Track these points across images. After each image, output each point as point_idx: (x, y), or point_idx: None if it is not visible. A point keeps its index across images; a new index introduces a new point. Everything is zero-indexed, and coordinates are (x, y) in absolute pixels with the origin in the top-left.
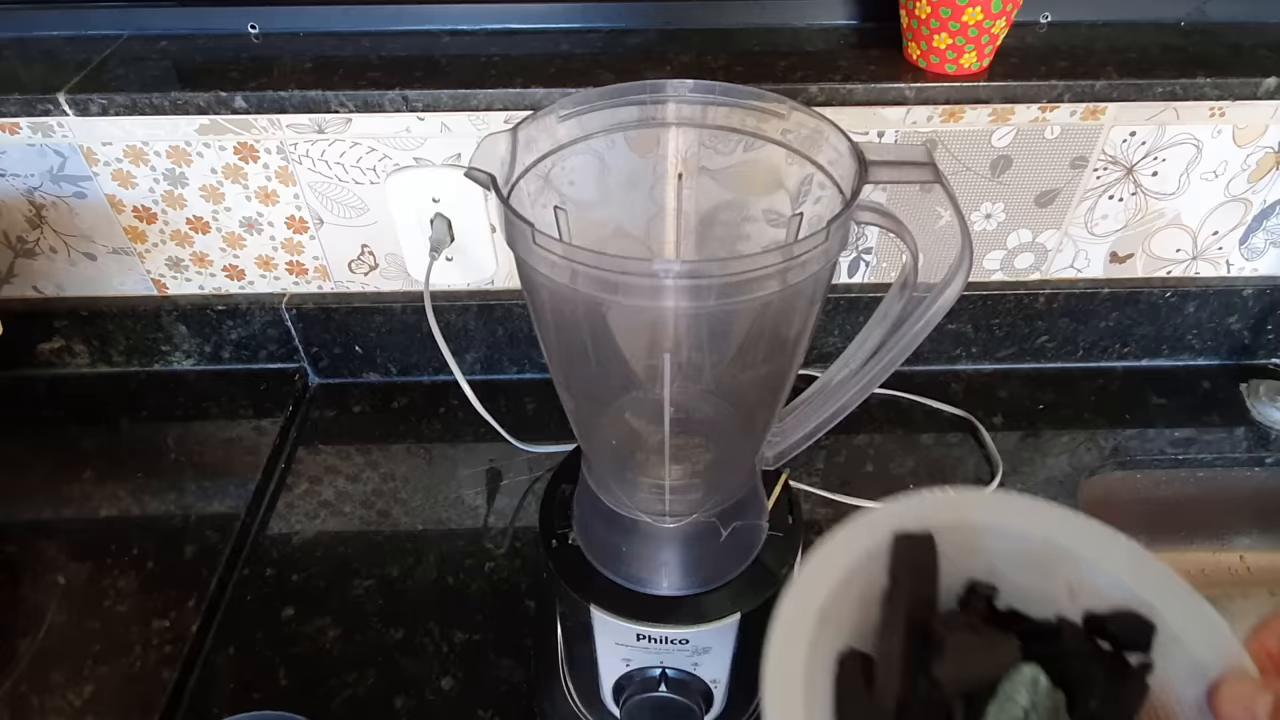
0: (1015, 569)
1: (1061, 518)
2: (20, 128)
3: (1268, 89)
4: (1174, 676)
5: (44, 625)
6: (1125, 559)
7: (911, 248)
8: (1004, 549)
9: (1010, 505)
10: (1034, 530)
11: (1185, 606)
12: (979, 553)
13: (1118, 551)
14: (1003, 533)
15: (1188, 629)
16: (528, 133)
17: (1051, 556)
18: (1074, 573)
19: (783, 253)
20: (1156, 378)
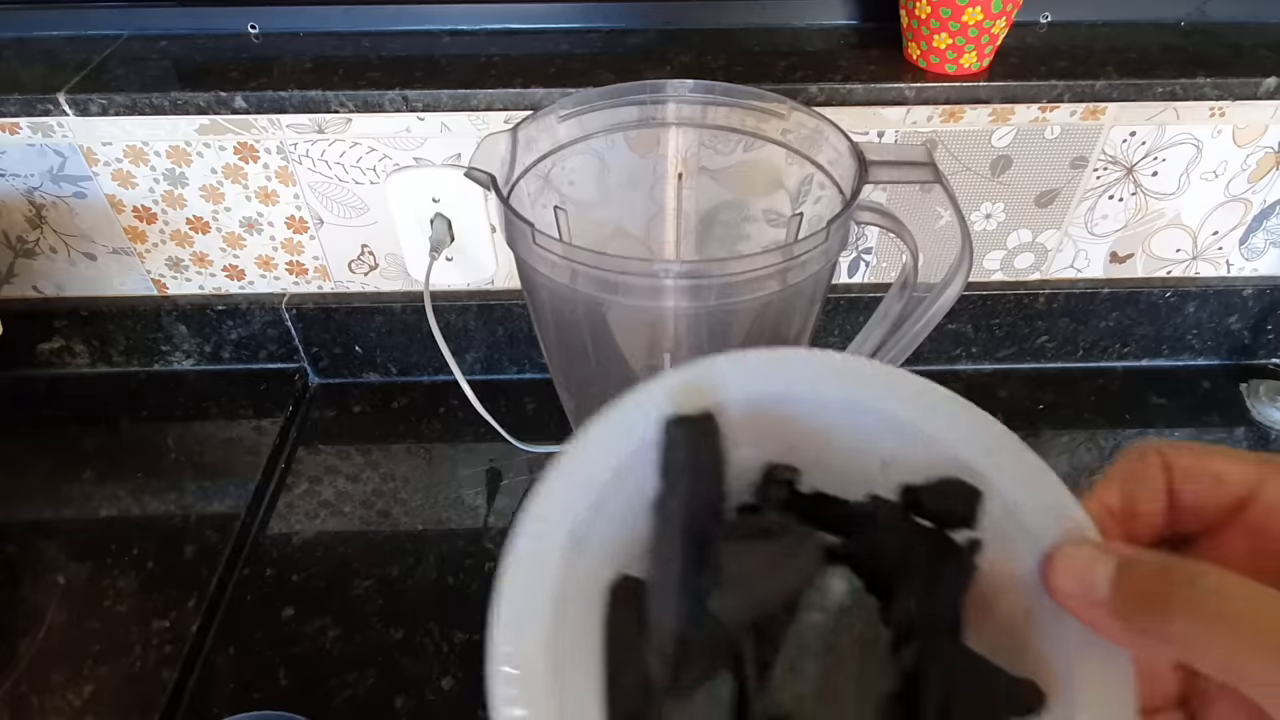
0: (821, 444)
1: (870, 375)
2: (20, 128)
3: (1268, 89)
4: (1007, 551)
5: (44, 625)
6: (946, 417)
7: (911, 248)
8: (806, 421)
9: (807, 365)
10: (838, 394)
11: (1017, 468)
12: (776, 428)
13: (937, 409)
14: (801, 400)
15: (1020, 495)
16: (528, 133)
17: (860, 423)
18: (888, 440)
19: (783, 253)
20: (1156, 378)
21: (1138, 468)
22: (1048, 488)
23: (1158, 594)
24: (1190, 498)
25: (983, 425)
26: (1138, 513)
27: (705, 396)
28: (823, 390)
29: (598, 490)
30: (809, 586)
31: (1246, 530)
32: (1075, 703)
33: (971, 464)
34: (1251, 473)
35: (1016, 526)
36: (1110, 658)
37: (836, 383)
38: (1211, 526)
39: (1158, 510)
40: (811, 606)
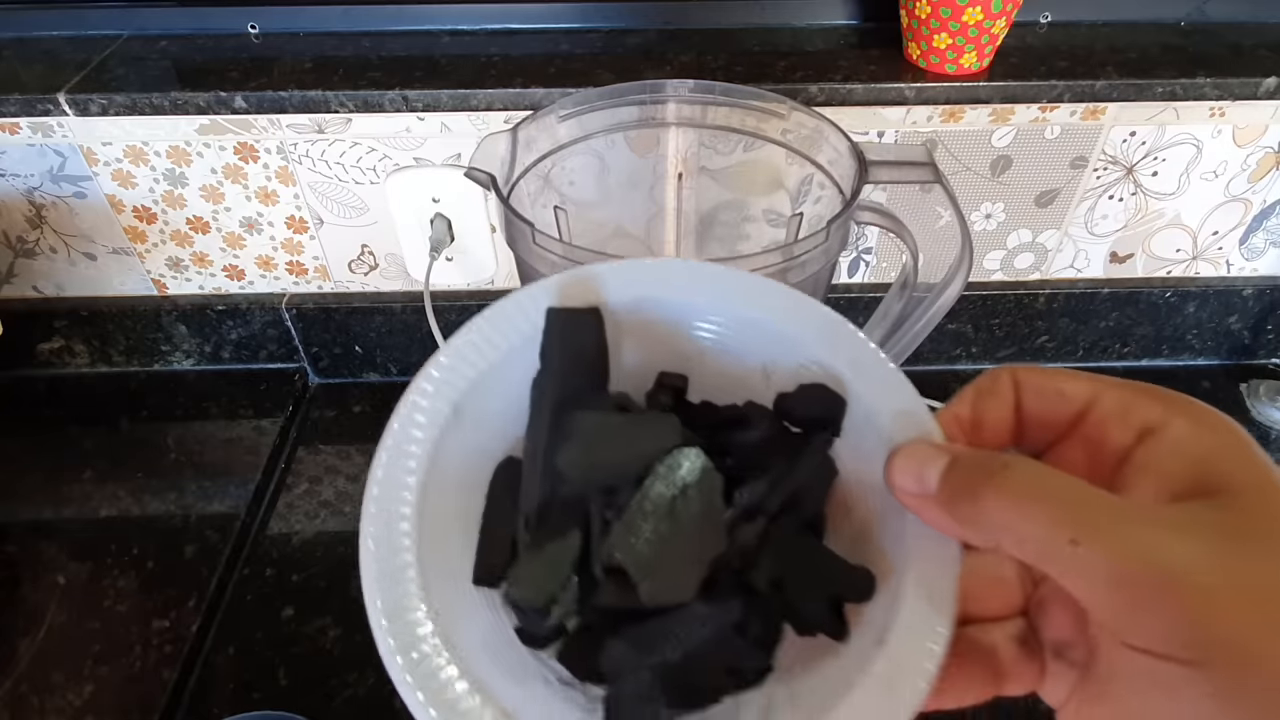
0: (708, 352)
1: (746, 285)
2: (20, 128)
3: (1268, 89)
4: (865, 456)
5: (44, 625)
6: (817, 329)
7: (911, 248)
8: (693, 330)
9: (686, 273)
10: (717, 302)
11: (878, 379)
12: (665, 337)
13: (810, 320)
14: (697, 309)
15: (879, 403)
16: (528, 133)
17: (743, 333)
18: (768, 349)
19: (783, 253)
20: (1156, 378)
21: (989, 384)
22: (904, 397)
23: (976, 481)
24: (1035, 411)
25: (850, 338)
26: (984, 422)
27: (591, 294)
28: (701, 297)
29: (483, 369)
30: (663, 460)
31: (1083, 441)
32: (902, 589)
33: (840, 374)
34: (1089, 389)
35: (874, 433)
36: (940, 548)
37: (714, 290)
38: (1054, 441)
39: (1004, 420)
40: (659, 477)
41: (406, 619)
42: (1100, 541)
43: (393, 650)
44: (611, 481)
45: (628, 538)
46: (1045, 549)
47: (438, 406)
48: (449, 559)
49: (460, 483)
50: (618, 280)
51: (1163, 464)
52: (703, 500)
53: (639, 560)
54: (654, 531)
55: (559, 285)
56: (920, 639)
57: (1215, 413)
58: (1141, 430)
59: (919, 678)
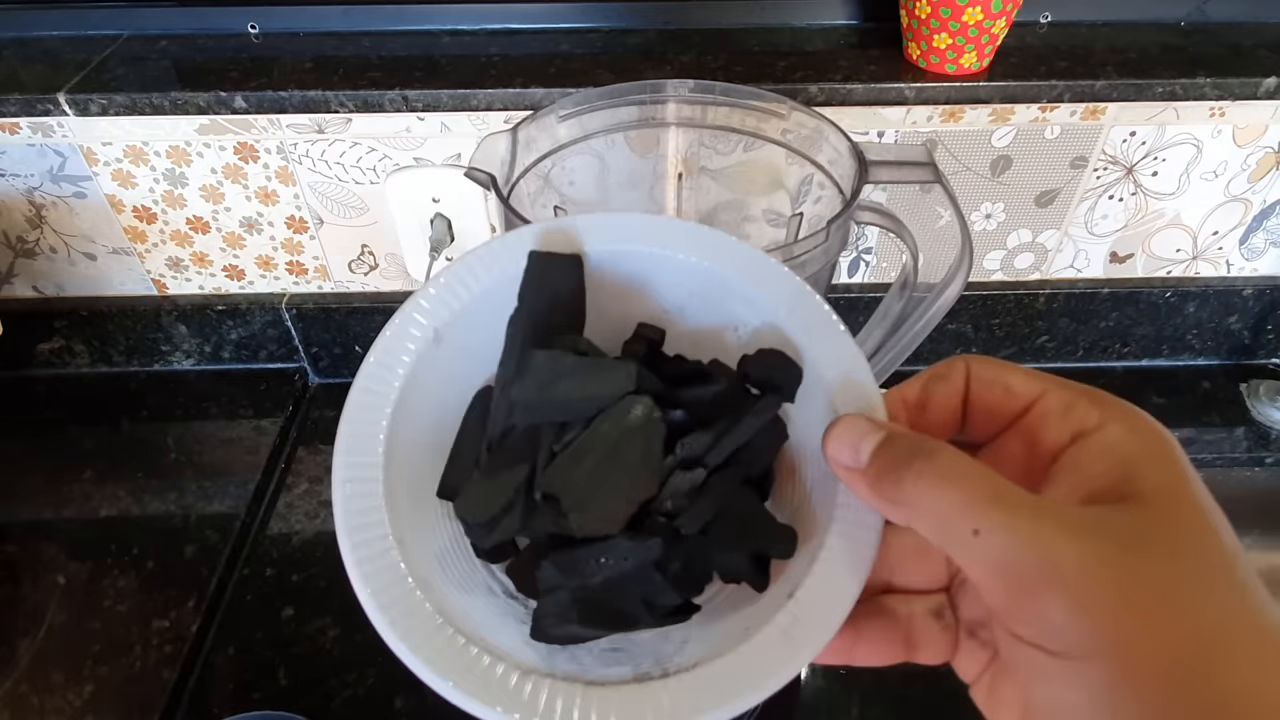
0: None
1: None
2: (20, 128)
3: (1268, 89)
4: (814, 422)
5: (44, 625)
6: (784, 295)
7: (911, 248)
8: (670, 287)
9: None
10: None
11: (833, 349)
12: (653, 290)
13: (780, 286)
14: (678, 267)
15: (831, 374)
16: (528, 133)
17: (719, 293)
18: (739, 311)
19: (783, 253)
20: (1156, 378)
21: (943, 370)
22: (855, 370)
23: (901, 462)
24: (982, 401)
25: (813, 305)
26: (930, 405)
27: (572, 243)
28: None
29: (466, 301)
30: (615, 404)
31: (1022, 435)
32: (822, 551)
33: (797, 340)
34: (1037, 386)
35: (824, 400)
36: (864, 517)
37: (691, 247)
38: (997, 433)
39: (950, 406)
40: (608, 418)
41: (368, 519)
42: (998, 533)
43: (350, 545)
44: (564, 417)
45: (567, 471)
46: (950, 534)
47: (421, 332)
48: (419, 471)
49: (439, 403)
50: (600, 233)
51: (1087, 465)
52: (644, 445)
53: (573, 492)
54: (593, 468)
55: (542, 232)
56: (827, 598)
57: (1149, 421)
58: (1076, 431)
59: (818, 633)
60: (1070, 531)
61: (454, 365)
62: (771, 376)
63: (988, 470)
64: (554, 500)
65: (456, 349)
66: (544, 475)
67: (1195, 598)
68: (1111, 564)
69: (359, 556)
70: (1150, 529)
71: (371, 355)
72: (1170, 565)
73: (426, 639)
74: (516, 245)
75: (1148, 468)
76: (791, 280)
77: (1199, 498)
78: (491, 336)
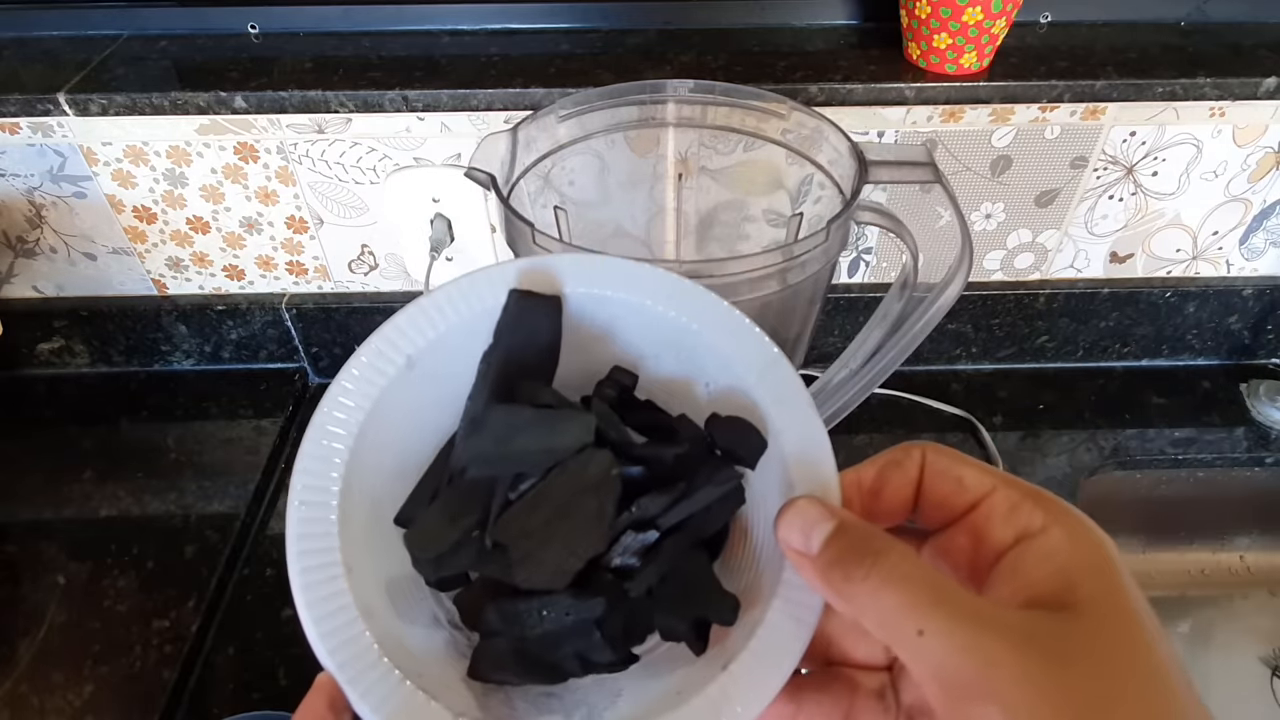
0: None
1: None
2: (20, 128)
3: (1268, 89)
4: (770, 493)
5: (44, 625)
6: (758, 362)
7: (911, 248)
8: (657, 335)
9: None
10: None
11: (802, 427)
12: (630, 335)
13: (754, 350)
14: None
15: (793, 449)
16: (528, 133)
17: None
18: (713, 369)
19: (783, 253)
20: (1156, 378)
21: (899, 457)
22: (819, 451)
23: (852, 559)
24: (934, 492)
25: (785, 376)
26: (884, 491)
27: (553, 283)
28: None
29: (442, 330)
30: (573, 457)
31: (969, 531)
32: (762, 624)
33: (764, 410)
34: (988, 483)
35: (782, 472)
36: (807, 597)
37: (672, 300)
38: (947, 524)
39: (903, 495)
40: (564, 472)
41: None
42: (940, 637)
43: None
44: (521, 470)
45: (518, 521)
46: (896, 634)
47: (394, 357)
48: (381, 496)
49: (407, 431)
50: (581, 275)
51: (1028, 570)
52: (597, 502)
53: (523, 544)
54: (544, 521)
55: (523, 269)
56: (760, 676)
57: (1092, 529)
58: (1020, 533)
59: (746, 709)
60: (1009, 641)
61: (424, 394)
62: (736, 444)
63: (934, 572)
64: (503, 549)
65: (428, 378)
66: (496, 524)
67: (1123, 711)
68: (1046, 676)
69: (305, 582)
70: (1085, 641)
71: (341, 378)
72: (1102, 680)
73: (363, 671)
74: (497, 279)
75: (1085, 577)
76: (767, 346)
77: (1135, 609)
78: (464, 368)
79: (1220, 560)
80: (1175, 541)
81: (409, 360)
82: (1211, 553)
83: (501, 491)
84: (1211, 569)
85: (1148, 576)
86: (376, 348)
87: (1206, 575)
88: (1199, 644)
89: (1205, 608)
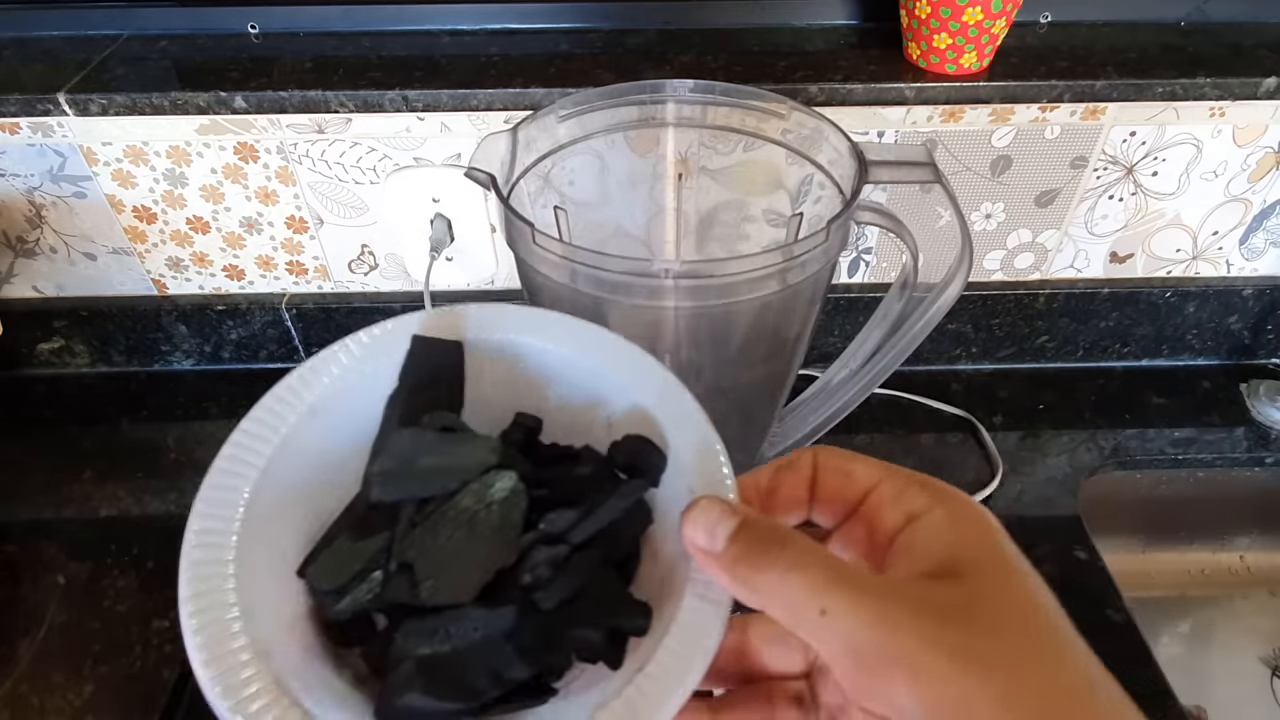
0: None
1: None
2: (20, 128)
3: (1268, 89)
4: (674, 503)
5: (44, 625)
6: (655, 388)
7: (911, 248)
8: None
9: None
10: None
11: (698, 438)
12: (532, 380)
13: (651, 379)
14: (557, 359)
15: (690, 461)
16: (528, 133)
17: (596, 383)
18: (612, 400)
19: (783, 253)
20: (1156, 378)
21: (793, 460)
22: (717, 459)
23: (756, 550)
24: (828, 488)
25: (682, 401)
26: (778, 492)
27: (458, 330)
28: (562, 347)
29: (346, 378)
30: (479, 479)
31: (864, 520)
32: (670, 628)
33: (664, 430)
34: (876, 473)
35: (685, 489)
36: (712, 595)
37: (567, 339)
38: (843, 518)
39: (798, 495)
40: (470, 492)
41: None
42: (846, 613)
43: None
44: (425, 492)
45: (423, 540)
46: (799, 616)
47: (298, 403)
48: (284, 541)
49: (310, 477)
50: (483, 321)
51: (919, 545)
52: (503, 517)
53: (428, 560)
54: (449, 537)
55: (426, 318)
56: (675, 673)
57: (973, 505)
58: (909, 515)
59: (662, 706)
60: (909, 608)
61: (328, 440)
62: (638, 461)
63: (834, 556)
64: (408, 568)
65: (332, 424)
66: (399, 544)
67: (1019, 663)
68: (946, 635)
69: (198, 624)
70: (978, 601)
71: (244, 423)
72: (996, 634)
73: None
74: (401, 329)
75: (971, 548)
76: (662, 372)
77: (1018, 569)
78: (370, 415)
79: (1220, 560)
80: (1175, 541)
81: (311, 409)
82: (1211, 553)
83: (406, 516)
84: (1211, 569)
85: (1148, 576)
86: (278, 395)
87: (1206, 575)
88: (1199, 644)
89: (1205, 608)
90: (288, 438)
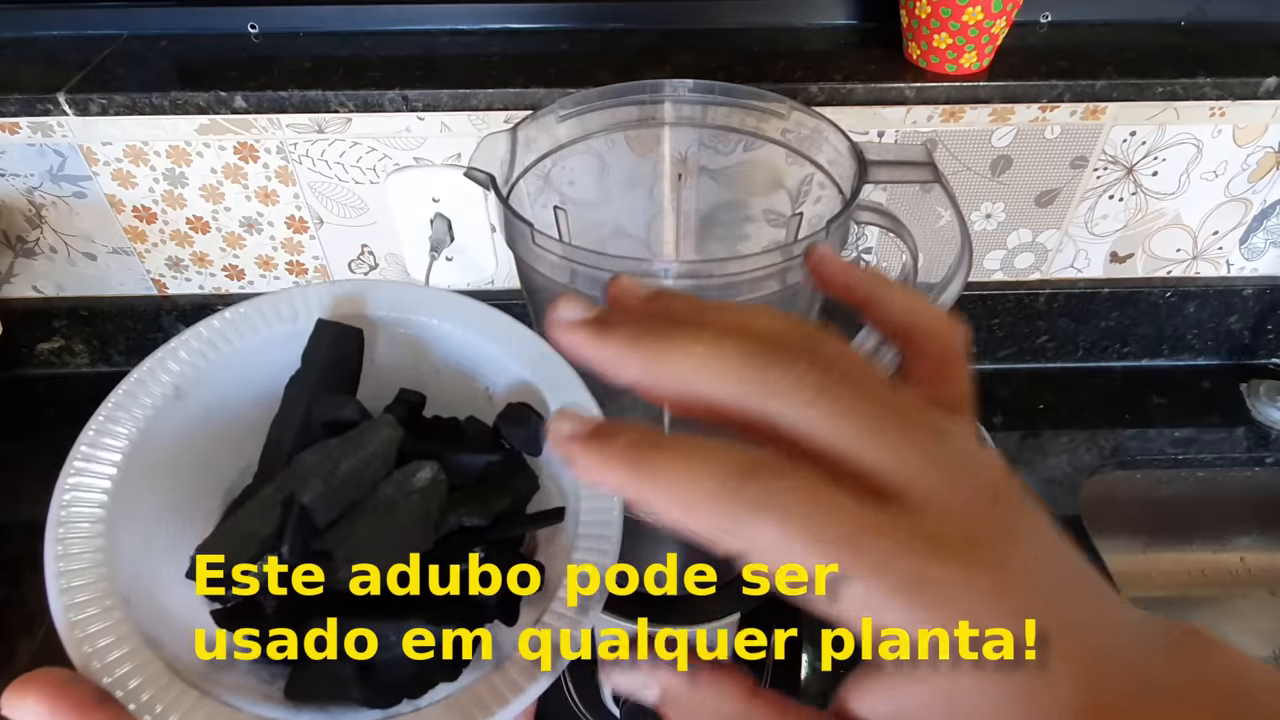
0: (449, 372)
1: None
2: (20, 128)
3: (1268, 89)
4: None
5: (44, 625)
6: (531, 358)
7: (911, 248)
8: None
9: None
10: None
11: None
12: (418, 355)
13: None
14: (440, 334)
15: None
16: (528, 133)
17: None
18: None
19: (782, 252)
20: (1156, 378)
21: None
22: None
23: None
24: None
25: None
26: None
27: (360, 312)
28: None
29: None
30: (400, 470)
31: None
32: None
33: (545, 397)
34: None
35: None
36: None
37: (454, 315)
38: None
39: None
40: (392, 482)
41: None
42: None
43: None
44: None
45: (343, 531)
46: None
47: (162, 388)
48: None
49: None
50: (378, 298)
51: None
52: (423, 505)
53: (344, 549)
54: (366, 526)
55: (329, 293)
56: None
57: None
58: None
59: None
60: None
61: (196, 423)
62: (519, 429)
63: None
64: (327, 556)
65: (200, 407)
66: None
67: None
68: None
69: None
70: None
71: (102, 411)
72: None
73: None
74: (303, 303)
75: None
76: (538, 343)
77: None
78: (242, 397)
79: (1220, 560)
80: (1175, 541)
81: (177, 391)
82: (1211, 553)
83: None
84: (1211, 569)
85: (1148, 577)
86: (139, 379)
87: (1206, 575)
88: None
89: (1205, 608)
90: (151, 422)
